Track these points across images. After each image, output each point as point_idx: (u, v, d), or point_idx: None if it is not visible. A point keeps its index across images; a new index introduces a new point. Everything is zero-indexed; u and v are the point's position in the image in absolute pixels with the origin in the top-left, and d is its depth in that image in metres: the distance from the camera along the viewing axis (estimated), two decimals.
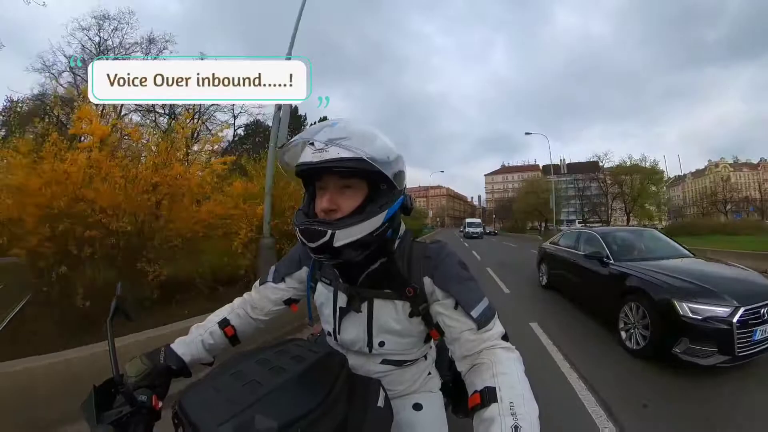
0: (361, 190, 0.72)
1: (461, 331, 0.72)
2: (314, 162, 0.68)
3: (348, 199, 0.72)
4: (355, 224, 0.69)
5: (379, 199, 0.72)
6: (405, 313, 0.79)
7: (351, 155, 0.65)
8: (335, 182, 0.71)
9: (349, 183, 0.71)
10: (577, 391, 2.61)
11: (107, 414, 0.66)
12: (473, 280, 0.77)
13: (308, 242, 0.71)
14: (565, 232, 6.76)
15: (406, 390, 0.89)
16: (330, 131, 0.68)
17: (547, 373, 2.91)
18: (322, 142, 0.67)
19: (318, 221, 0.71)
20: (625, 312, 3.51)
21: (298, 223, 0.73)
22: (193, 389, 0.62)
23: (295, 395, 0.59)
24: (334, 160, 0.66)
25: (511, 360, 0.67)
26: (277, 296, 0.94)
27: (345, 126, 0.70)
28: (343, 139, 0.67)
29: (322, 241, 0.69)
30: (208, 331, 0.92)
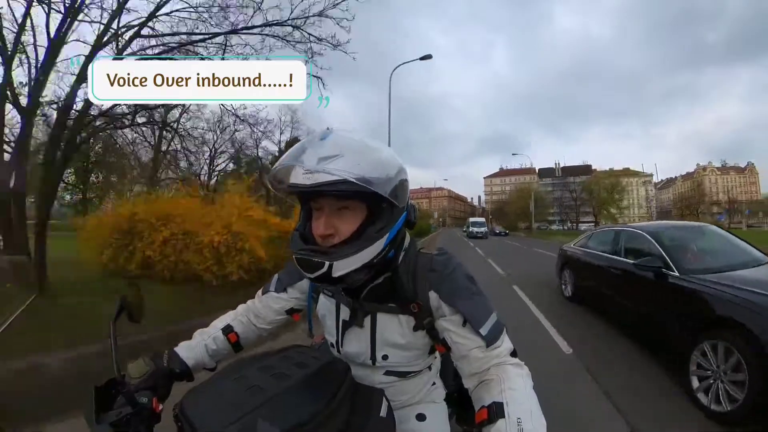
0: (359, 211, 0.68)
1: (469, 349, 0.71)
2: (306, 185, 0.62)
3: (346, 222, 0.68)
4: (354, 253, 0.66)
5: (379, 220, 0.68)
6: (409, 326, 0.78)
7: (343, 178, 0.59)
8: (331, 204, 0.68)
9: (346, 204, 0.67)
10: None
11: (107, 414, 0.65)
12: (481, 295, 0.75)
13: (306, 273, 0.68)
14: (596, 232, 5.45)
15: (409, 400, 0.88)
16: (320, 148, 0.63)
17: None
18: (312, 164, 0.62)
19: (314, 251, 0.68)
20: (703, 351, 2.35)
21: (294, 250, 0.70)
22: (195, 393, 0.62)
23: (298, 401, 0.59)
24: (326, 183, 0.60)
25: (519, 376, 0.66)
26: (279, 306, 0.94)
27: (336, 140, 0.65)
28: (335, 158, 0.61)
29: (320, 272, 0.66)
30: (212, 337, 0.91)
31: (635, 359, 3.28)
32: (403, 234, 0.78)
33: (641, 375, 2.95)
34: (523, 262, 12.44)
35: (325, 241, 0.68)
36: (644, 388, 2.69)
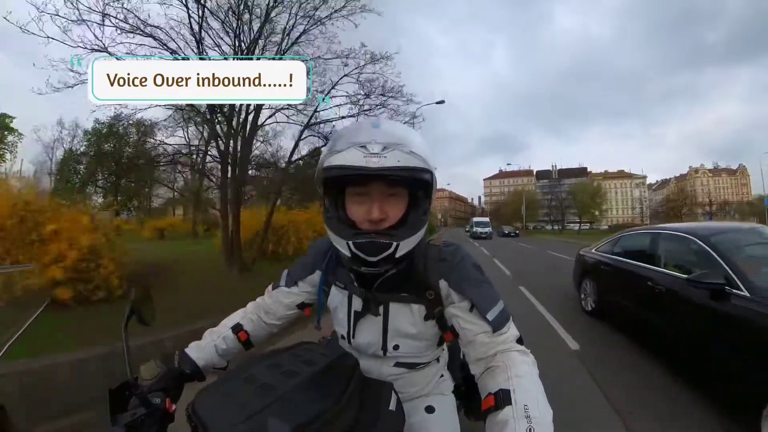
0: (403, 198, 0.72)
1: (476, 334, 0.71)
2: (371, 168, 0.63)
3: (393, 207, 0.70)
4: (413, 234, 0.69)
5: (420, 206, 0.72)
6: (420, 316, 0.79)
7: (415, 165, 0.64)
8: (382, 190, 0.69)
9: (394, 191, 0.70)
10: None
11: (122, 416, 0.67)
12: (488, 283, 0.77)
13: (368, 256, 0.68)
14: (625, 235, 4.38)
15: (418, 392, 0.88)
16: (379, 134, 0.65)
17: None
18: (378, 149, 0.63)
19: (378, 233, 0.69)
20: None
21: (346, 237, 0.69)
22: (206, 393, 0.62)
23: (307, 398, 0.59)
24: (395, 168, 0.63)
25: (525, 363, 0.66)
26: (290, 300, 0.94)
27: (390, 128, 0.67)
28: (398, 145, 0.64)
29: (386, 253, 0.68)
30: (221, 336, 0.91)
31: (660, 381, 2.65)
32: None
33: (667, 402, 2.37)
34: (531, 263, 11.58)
35: (374, 225, 0.69)
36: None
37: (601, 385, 2.71)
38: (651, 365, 3.01)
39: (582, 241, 16.45)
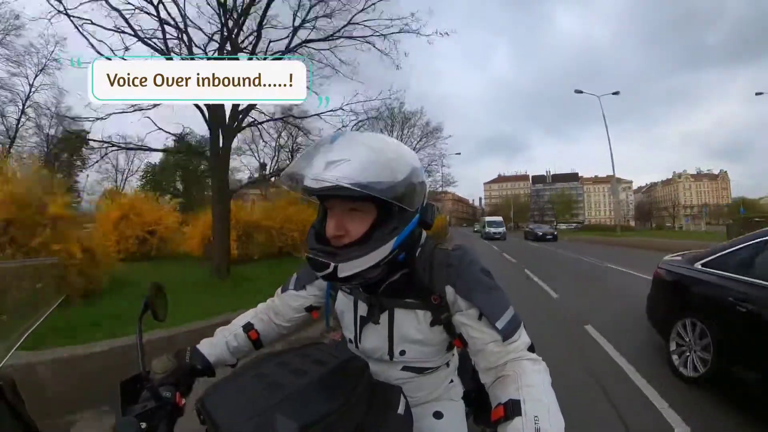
0: (369, 212, 0.67)
1: (485, 343, 0.68)
2: (315, 189, 0.62)
3: (356, 223, 0.67)
4: (360, 256, 0.65)
5: (389, 222, 0.67)
6: (426, 322, 0.76)
7: (347, 183, 0.59)
8: (342, 205, 0.67)
9: (356, 206, 0.67)
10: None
11: (133, 408, 0.67)
12: (498, 289, 0.73)
13: (315, 271, 0.69)
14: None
15: (426, 397, 0.85)
16: (329, 151, 0.63)
17: None
18: (320, 168, 0.61)
19: (322, 251, 0.68)
20: None
21: (308, 249, 0.70)
22: (215, 388, 0.62)
23: (316, 398, 0.59)
24: (332, 188, 0.60)
25: (537, 372, 0.63)
26: (298, 303, 0.93)
27: (345, 143, 0.64)
28: (340, 163, 0.60)
29: (326, 272, 0.66)
30: (233, 334, 0.91)
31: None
32: (416, 235, 0.76)
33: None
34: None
35: (335, 240, 0.68)
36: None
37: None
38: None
39: (631, 250, 13.90)
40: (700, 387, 2.50)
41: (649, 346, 3.35)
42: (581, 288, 6.67)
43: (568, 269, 9.69)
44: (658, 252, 8.90)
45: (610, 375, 2.83)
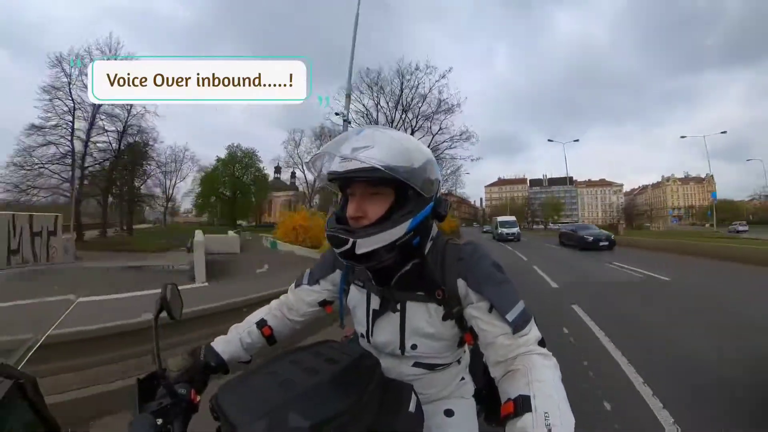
0: (387, 196, 0.70)
1: (495, 336, 0.67)
2: (340, 172, 0.67)
3: (374, 205, 0.70)
4: (377, 233, 0.67)
5: (405, 206, 0.70)
6: (438, 316, 0.75)
7: (371, 165, 0.64)
8: (363, 189, 0.70)
9: (376, 190, 0.70)
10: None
11: (149, 404, 0.67)
12: (508, 282, 0.72)
13: (334, 248, 0.71)
14: None
15: (437, 394, 0.83)
16: (355, 140, 0.68)
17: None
18: (347, 152, 0.66)
19: (342, 229, 0.70)
20: None
21: (327, 229, 0.73)
22: (229, 386, 0.62)
23: (328, 396, 0.58)
24: (357, 170, 0.65)
25: (547, 367, 0.61)
26: (311, 298, 0.93)
27: (370, 134, 0.69)
28: (366, 149, 0.65)
29: (344, 248, 0.68)
30: (246, 331, 0.91)
31: None
32: (430, 224, 0.77)
33: None
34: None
35: (355, 222, 0.70)
36: None
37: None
38: None
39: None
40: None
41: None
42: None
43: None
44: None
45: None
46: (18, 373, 0.61)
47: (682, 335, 3.53)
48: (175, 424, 0.66)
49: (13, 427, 0.57)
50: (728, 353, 2.95)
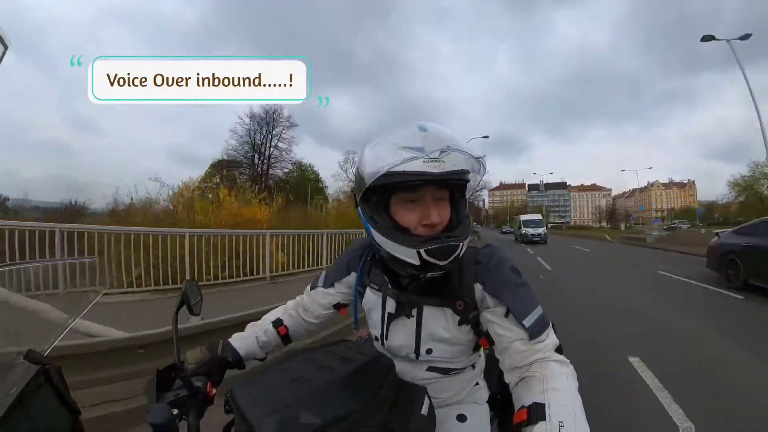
0: (447, 200, 0.69)
1: (512, 341, 0.65)
2: (434, 173, 0.60)
3: (443, 210, 0.67)
4: (469, 233, 0.68)
5: (460, 206, 0.70)
6: (454, 320, 0.73)
7: (468, 167, 0.62)
8: (433, 193, 0.65)
9: (442, 195, 0.67)
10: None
11: (166, 394, 0.69)
12: (526, 287, 0.69)
13: (440, 261, 0.64)
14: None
15: (451, 399, 0.81)
16: (430, 140, 0.61)
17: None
18: (436, 151, 0.60)
19: (448, 236, 0.66)
20: None
21: (416, 245, 0.63)
22: (244, 381, 0.62)
23: (340, 395, 0.57)
24: (453, 172, 0.61)
25: (564, 375, 0.59)
26: (326, 300, 0.92)
27: (440, 133, 0.63)
28: (452, 150, 0.61)
29: (454, 255, 0.64)
30: (263, 329, 0.91)
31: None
32: None
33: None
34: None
35: (431, 230, 0.65)
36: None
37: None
38: None
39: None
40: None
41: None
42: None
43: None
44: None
45: None
46: (45, 359, 0.62)
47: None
48: (190, 414, 0.67)
49: (37, 409, 0.58)
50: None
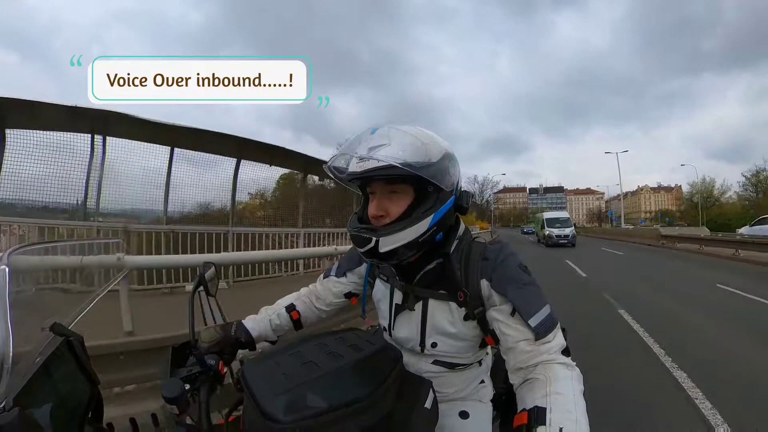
0: (407, 194, 0.68)
1: (516, 341, 0.63)
2: (358, 172, 0.65)
3: (395, 204, 0.68)
4: (399, 230, 0.65)
5: (426, 201, 0.68)
6: (460, 315, 0.72)
7: (386, 164, 0.61)
8: (382, 188, 0.69)
9: (395, 188, 0.68)
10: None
11: (180, 370, 0.70)
12: (534, 285, 0.67)
13: (358, 247, 0.70)
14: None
15: (455, 395, 0.80)
16: (371, 138, 0.65)
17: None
18: (363, 152, 0.64)
19: (365, 228, 0.69)
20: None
21: (350, 229, 0.72)
22: (255, 361, 0.63)
23: (348, 382, 0.58)
24: (374, 169, 0.63)
25: (568, 378, 0.57)
26: (338, 289, 0.94)
27: (385, 132, 0.66)
28: (382, 147, 0.63)
29: (368, 247, 0.67)
30: (276, 313, 0.92)
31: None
32: (452, 218, 0.74)
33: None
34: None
35: (377, 221, 0.68)
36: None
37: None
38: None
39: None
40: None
41: None
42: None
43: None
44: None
45: None
46: (68, 331, 0.64)
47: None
48: (202, 390, 0.68)
49: (60, 378, 0.60)
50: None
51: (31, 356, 0.54)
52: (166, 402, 0.59)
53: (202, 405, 0.65)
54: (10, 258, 0.50)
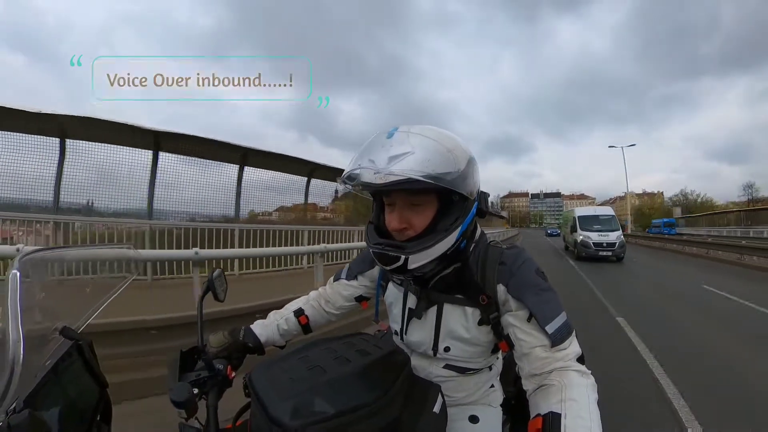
0: (431, 204, 0.63)
1: (532, 347, 0.61)
2: (377, 184, 0.57)
3: (418, 215, 0.63)
4: (430, 247, 0.61)
5: (451, 212, 0.63)
6: (474, 320, 0.70)
7: (422, 175, 0.55)
8: (403, 199, 0.63)
9: (418, 200, 0.63)
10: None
11: (188, 374, 0.70)
12: (551, 291, 0.66)
13: (383, 265, 0.66)
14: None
15: (465, 399, 0.78)
16: (389, 146, 0.58)
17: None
18: (383, 163, 0.56)
19: (390, 245, 0.63)
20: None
21: (371, 244, 0.66)
22: (263, 366, 0.63)
23: (355, 387, 0.58)
24: (396, 182, 0.55)
25: (583, 386, 0.56)
26: (348, 293, 0.92)
27: (405, 137, 0.59)
28: (404, 156, 0.56)
29: (396, 265, 0.63)
30: (284, 318, 0.91)
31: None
32: (474, 224, 0.71)
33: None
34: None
35: (399, 234, 0.64)
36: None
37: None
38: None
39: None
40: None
41: None
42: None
43: None
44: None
45: None
46: (78, 335, 0.64)
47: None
48: (210, 395, 0.67)
49: (69, 381, 0.59)
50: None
51: (40, 359, 0.54)
52: (174, 406, 0.59)
53: (210, 409, 0.64)
54: (21, 263, 0.50)
